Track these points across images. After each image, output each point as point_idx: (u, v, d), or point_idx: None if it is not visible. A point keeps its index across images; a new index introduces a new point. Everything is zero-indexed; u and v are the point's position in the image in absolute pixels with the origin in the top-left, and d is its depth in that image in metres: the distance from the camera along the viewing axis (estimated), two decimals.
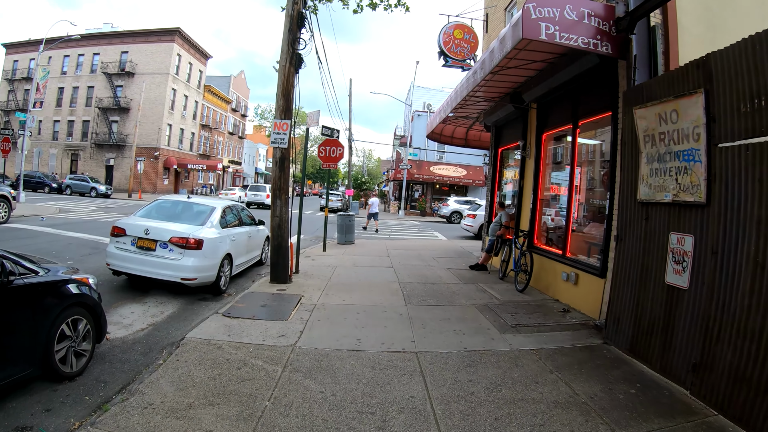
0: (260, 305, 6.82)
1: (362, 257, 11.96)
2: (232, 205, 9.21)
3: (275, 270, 8.11)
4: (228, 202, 9.19)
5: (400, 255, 12.55)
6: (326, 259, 11.45)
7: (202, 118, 52.26)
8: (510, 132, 11.51)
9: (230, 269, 8.25)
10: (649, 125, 5.32)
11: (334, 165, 12.62)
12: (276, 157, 8.00)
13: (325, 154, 12.55)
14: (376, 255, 12.46)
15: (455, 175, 35.26)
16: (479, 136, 15.78)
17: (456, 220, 28.65)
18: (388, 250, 13.63)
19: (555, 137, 9.36)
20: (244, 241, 9.06)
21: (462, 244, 16.36)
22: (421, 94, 39.57)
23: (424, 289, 8.18)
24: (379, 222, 20.91)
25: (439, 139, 15.37)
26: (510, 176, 11.85)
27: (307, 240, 16.07)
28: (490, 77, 9.04)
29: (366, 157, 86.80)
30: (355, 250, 13.53)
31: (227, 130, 60.56)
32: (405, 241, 17.14)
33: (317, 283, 8.38)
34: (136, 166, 38.58)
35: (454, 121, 14.02)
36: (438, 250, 14.29)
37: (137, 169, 38.43)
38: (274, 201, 7.97)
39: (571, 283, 7.66)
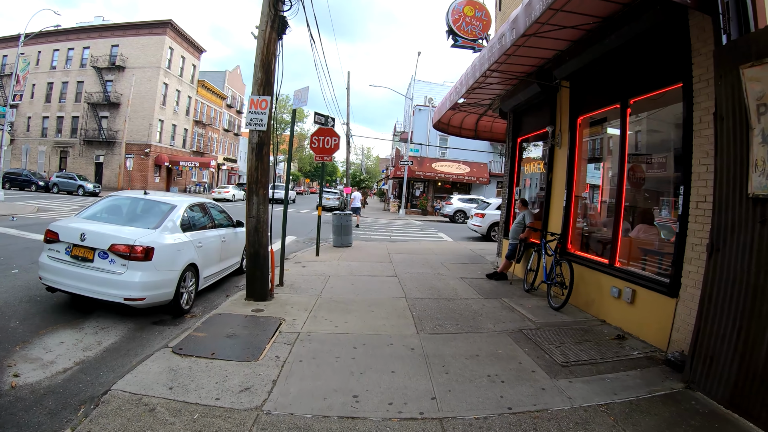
0: (226, 334, 5.19)
1: (361, 263, 10.33)
2: (202, 203, 7.58)
3: (252, 284, 6.50)
4: (196, 199, 7.56)
5: (403, 260, 10.94)
6: (319, 266, 9.82)
7: (195, 114, 50.54)
8: (533, 118, 9.90)
9: (196, 283, 6.63)
10: (767, 90, 3.76)
11: (329, 158, 11.01)
12: (252, 142, 6.38)
13: (318, 145, 10.94)
14: (377, 260, 10.84)
15: (458, 172, 33.64)
16: (490, 126, 14.19)
17: (460, 220, 27.05)
18: (389, 254, 12.01)
19: (594, 121, 7.75)
20: (217, 246, 7.43)
21: (471, 246, 14.75)
22: (422, 88, 37.94)
23: (439, 308, 6.55)
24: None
25: (447, 130, 13.77)
26: (532, 170, 10.23)
27: (299, 242, 14.48)
28: (513, 50, 7.48)
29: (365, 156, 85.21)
30: (353, 254, 11.90)
31: (222, 127, 58.84)
32: (408, 243, 15.52)
33: (305, 300, 6.75)
34: (125, 163, 36.96)
35: (464, 108, 12.45)
36: (446, 253, 12.67)
37: (126, 166, 36.81)
38: (250, 197, 6.34)
39: (624, 301, 6.06)
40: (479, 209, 17.72)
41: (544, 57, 8.30)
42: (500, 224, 11.40)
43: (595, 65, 7.05)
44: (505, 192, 11.09)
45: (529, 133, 10.06)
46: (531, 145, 10.38)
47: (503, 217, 11.12)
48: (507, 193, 10.84)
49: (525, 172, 10.58)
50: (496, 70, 8.79)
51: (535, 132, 9.75)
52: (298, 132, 75.52)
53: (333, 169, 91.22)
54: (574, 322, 6.33)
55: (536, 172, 9.96)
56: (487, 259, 11.90)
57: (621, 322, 6.16)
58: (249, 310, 6.09)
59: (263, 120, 6.30)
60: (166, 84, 44.36)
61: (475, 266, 10.67)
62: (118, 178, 38.00)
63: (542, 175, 9.50)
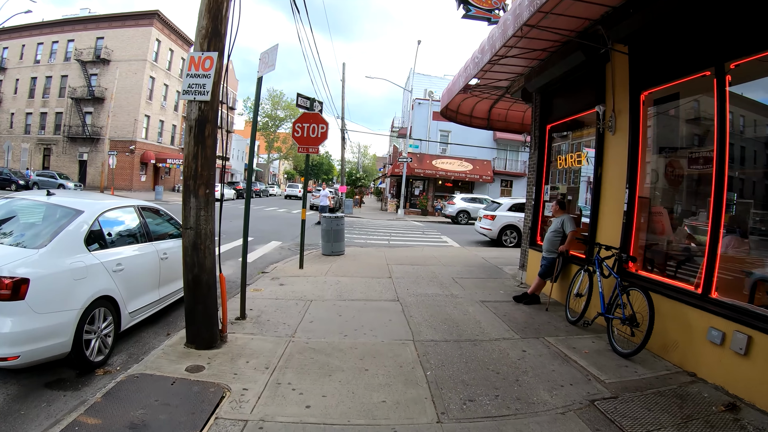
0: (130, 422, 3.19)
1: (353, 280, 8.32)
2: (132, 206, 5.57)
3: (192, 324, 4.50)
4: (123, 202, 5.53)
5: (406, 274, 8.95)
6: (300, 284, 7.82)
7: (184, 109, 48.30)
8: (568, 99, 7.94)
9: (115, 323, 4.63)
10: None
11: (315, 149, 9.01)
12: (190, 119, 4.38)
13: (302, 133, 8.95)
14: (373, 275, 8.84)
15: (460, 170, 31.63)
16: (505, 115, 12.22)
17: (463, 221, 25.08)
18: (389, 265, 10.01)
19: (665, 96, 5.78)
20: (152, 267, 5.42)
21: (482, 253, 12.76)
22: (421, 82, 35.89)
23: (463, 359, 4.54)
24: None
25: (455, 118, 11.79)
26: (568, 163, 8.24)
27: (284, 249, 12.48)
28: (550, 5, 5.55)
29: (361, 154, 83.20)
30: (344, 265, 9.89)
31: None
32: (409, 249, 13.51)
33: (269, 346, 4.72)
34: (108, 160, 34.81)
35: (476, 91, 10.49)
36: (455, 264, 10.68)
37: (109, 163, 34.67)
38: (186, 200, 4.34)
39: (732, 350, 4.16)
40: (488, 210, 15.74)
41: (589, 17, 6.35)
42: (524, 230, 9.41)
43: (671, 18, 5.10)
44: (531, 191, 9.10)
45: (564, 117, 8.08)
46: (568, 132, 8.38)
47: (528, 222, 9.14)
48: (534, 193, 8.84)
49: (561, 164, 8.58)
50: (524, 36, 6.83)
51: (571, 116, 7.78)
52: None
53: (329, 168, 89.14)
54: (657, 380, 4.37)
55: (578, 165, 7.98)
56: (505, 272, 9.92)
57: (725, 380, 4.23)
58: (183, 368, 4.08)
59: (206, 86, 4.31)
60: (153, 78, 42.24)
61: (494, 282, 8.69)
62: (101, 176, 35.81)
63: (577, 170, 7.55)
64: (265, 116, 68.35)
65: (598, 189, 6.62)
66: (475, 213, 25.28)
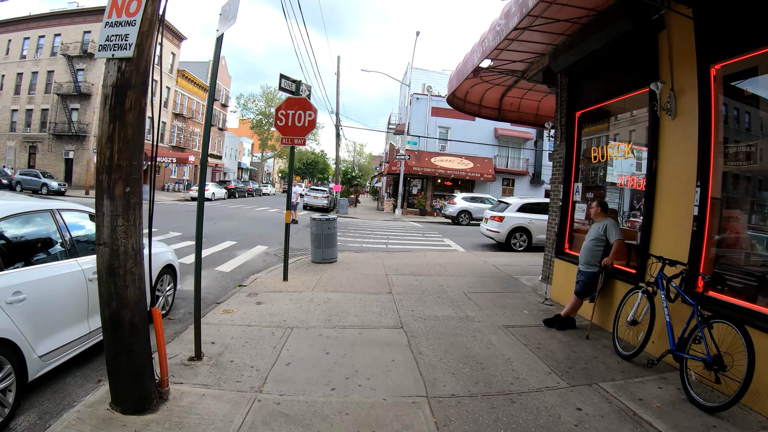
0: None
1: (345, 297, 6.97)
2: (39, 210, 4.19)
3: (116, 379, 3.17)
4: (26, 204, 4.14)
5: (409, 288, 7.62)
6: (281, 303, 6.49)
7: (175, 106, 46.84)
8: (606, 78, 6.63)
9: (14, 373, 3.29)
10: None
11: (301, 140, 7.67)
12: (106, 84, 3.05)
13: (285, 122, 7.62)
14: (370, 289, 7.50)
15: (460, 168, 30.29)
16: (518, 104, 10.91)
17: (464, 222, 23.77)
18: (388, 275, 8.68)
19: (744, 70, 4.48)
20: (75, 291, 4.07)
21: (492, 259, 11.46)
22: (420, 76, 34.54)
23: (498, 429, 3.22)
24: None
25: (462, 107, 10.46)
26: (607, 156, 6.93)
27: (269, 255, 11.14)
28: None
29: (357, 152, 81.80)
30: (336, 276, 8.56)
31: None
32: (409, 254, 12.18)
33: (223, 410, 3.35)
34: (93, 158, 33.31)
35: (486, 76, 9.19)
36: (463, 273, 9.38)
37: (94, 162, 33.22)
38: (99, 201, 3.00)
39: None
40: (496, 211, 14.42)
41: None
42: (548, 236, 8.10)
43: None
44: (556, 189, 7.78)
45: (599, 102, 6.77)
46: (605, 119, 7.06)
47: (553, 226, 7.83)
48: (560, 192, 7.52)
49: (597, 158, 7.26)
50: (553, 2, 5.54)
51: (610, 99, 6.47)
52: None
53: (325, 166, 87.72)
54: None
55: (619, 159, 6.68)
56: (523, 283, 8.62)
57: None
58: None
59: (129, 37, 2.98)
60: None
61: (514, 298, 7.38)
62: (86, 175, 34.28)
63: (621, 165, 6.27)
64: (259, 113, 66.78)
65: (653, 187, 5.30)
66: (477, 213, 24.04)
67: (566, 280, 7.11)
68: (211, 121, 48.03)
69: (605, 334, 5.53)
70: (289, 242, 8.14)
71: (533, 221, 13.91)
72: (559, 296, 7.26)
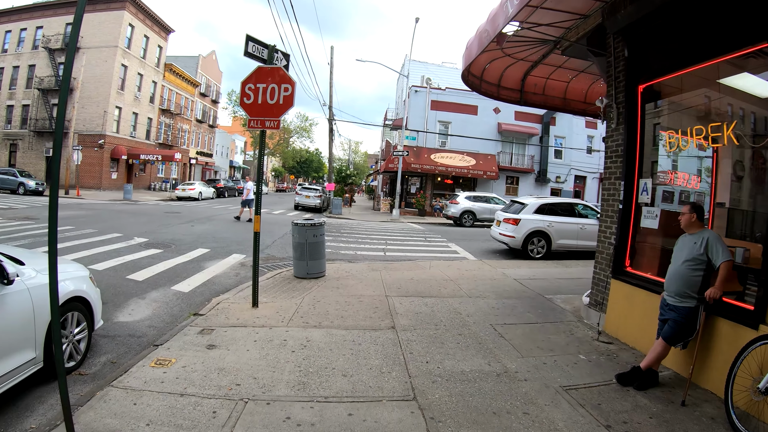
0: None
1: (330, 339, 5.07)
2: None
3: None
4: None
5: (417, 319, 5.76)
6: (240, 347, 4.62)
7: (161, 101, 44.73)
8: (689, 35, 4.78)
9: None
10: None
11: (274, 122, 5.79)
12: None
13: (254, 98, 5.77)
14: (366, 323, 5.63)
15: (462, 165, 28.38)
16: (543, 86, 9.08)
17: (468, 223, 21.92)
18: (388, 298, 6.81)
19: None
20: None
21: (510, 271, 9.62)
22: (418, 69, 32.65)
23: None
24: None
25: (479, 87, 8.62)
26: (694, 139, 5.06)
27: (246, 267, 9.24)
28: None
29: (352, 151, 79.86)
30: (321, 300, 6.68)
31: (194, 117, 53.00)
32: (412, 265, 10.31)
33: None
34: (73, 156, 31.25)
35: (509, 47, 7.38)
36: (483, 291, 7.53)
37: (74, 159, 31.14)
38: None
39: None
40: (510, 213, 12.56)
41: None
42: (603, 250, 6.21)
43: None
44: (613, 187, 5.92)
45: (682, 67, 4.91)
46: (682, 96, 5.22)
47: (607, 236, 5.97)
48: (621, 191, 5.65)
49: (671, 147, 5.42)
50: None
51: (702, 62, 4.62)
52: (283, 126, 69.74)
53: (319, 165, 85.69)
54: None
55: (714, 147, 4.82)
56: (559, 306, 6.78)
57: None
58: None
59: None
60: (125, 66, 38.64)
61: (558, 331, 5.53)
62: (65, 174, 32.24)
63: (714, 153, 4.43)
64: None
65: None
66: (482, 214, 22.19)
67: (629, 309, 5.28)
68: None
69: (703, 395, 3.75)
70: (258, 257, 6.25)
71: (553, 224, 12.08)
72: (618, 329, 5.44)
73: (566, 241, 12.28)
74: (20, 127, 39.46)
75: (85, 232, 12.32)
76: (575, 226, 12.36)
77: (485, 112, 30.09)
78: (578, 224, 12.40)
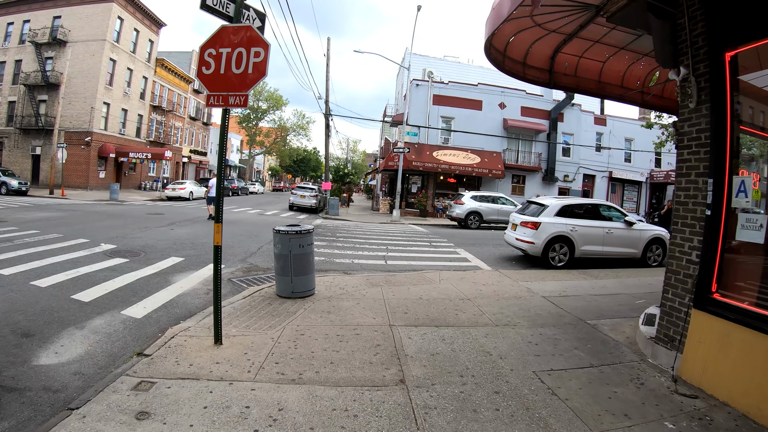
0: None
1: (313, 403, 3.58)
2: None
3: None
4: None
5: (436, 365, 4.29)
6: (182, 421, 3.16)
7: (153, 98, 43.19)
8: None
9: None
10: None
11: (240, 97, 4.31)
12: None
13: (215, 67, 4.26)
14: (364, 375, 4.15)
15: (466, 163, 26.88)
16: (575, 65, 7.64)
17: (474, 225, 20.47)
18: (393, 329, 5.35)
19: None
20: None
21: (536, 285, 8.17)
22: (419, 62, 31.16)
23: None
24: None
25: (502, 63, 7.13)
26: None
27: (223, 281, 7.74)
28: None
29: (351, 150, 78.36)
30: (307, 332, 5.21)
31: (188, 115, 51.46)
32: (419, 277, 8.84)
33: None
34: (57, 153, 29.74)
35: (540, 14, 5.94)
36: (513, 317, 6.08)
37: (58, 157, 29.62)
38: None
39: None
40: (528, 215, 11.10)
41: None
42: (680, 268, 4.71)
43: None
44: (698, 188, 4.45)
45: None
46: None
47: (688, 251, 4.47)
48: (710, 194, 4.18)
49: None
50: None
51: None
52: (280, 124, 68.21)
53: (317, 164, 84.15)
54: None
55: None
56: (609, 337, 5.32)
57: None
58: None
59: None
60: (114, 60, 37.09)
61: (622, 380, 4.07)
62: (50, 173, 30.70)
63: None
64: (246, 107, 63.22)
65: None
66: (489, 215, 20.73)
67: (720, 351, 3.85)
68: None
69: None
70: (219, 279, 4.77)
71: (577, 228, 10.64)
72: (704, 377, 3.99)
73: (591, 247, 10.84)
74: (6, 125, 37.94)
75: (48, 238, 10.85)
76: (601, 230, 10.93)
77: (490, 107, 28.63)
78: (604, 228, 10.96)
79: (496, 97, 28.84)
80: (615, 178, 31.53)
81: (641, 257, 11.44)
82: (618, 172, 31.45)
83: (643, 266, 11.31)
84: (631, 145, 31.83)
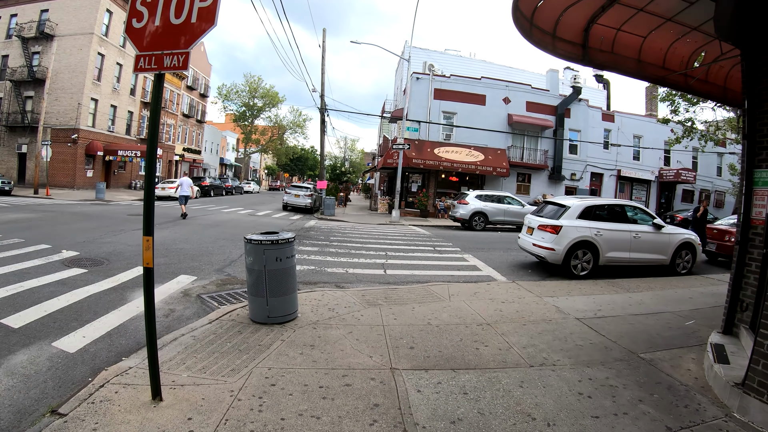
0: None
1: None
2: None
3: None
4: None
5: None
6: None
7: (144, 94, 41.86)
8: None
9: None
10: None
11: (182, 59, 3.00)
12: None
13: (148, 17, 2.96)
14: None
15: (469, 161, 25.56)
16: (612, 39, 6.37)
17: (479, 226, 19.18)
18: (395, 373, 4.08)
19: None
20: None
21: (564, 303, 6.91)
22: (419, 55, 29.83)
23: None
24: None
25: (529, 31, 5.81)
26: None
27: (191, 298, 6.50)
28: None
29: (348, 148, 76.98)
30: (279, 382, 3.96)
31: (181, 112, 50.03)
32: (425, 293, 7.57)
33: None
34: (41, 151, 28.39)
35: None
36: (550, 353, 4.82)
37: (42, 155, 28.26)
38: None
39: None
40: (546, 217, 9.82)
41: None
42: (763, 288, 3.45)
43: None
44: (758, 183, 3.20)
45: None
46: None
47: (755, 269, 3.24)
48: None
49: None
50: None
51: None
52: (276, 122, 66.79)
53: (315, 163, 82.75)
54: None
55: None
56: (669, 373, 4.03)
57: None
58: None
59: None
60: (102, 55, 35.73)
61: None
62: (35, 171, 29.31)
63: None
64: (242, 105, 61.76)
65: None
66: (494, 216, 19.43)
67: None
68: None
69: None
70: (152, 310, 3.50)
71: (602, 232, 9.38)
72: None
73: (616, 254, 9.58)
74: None
75: (7, 243, 9.56)
76: (627, 234, 9.67)
77: (494, 102, 27.31)
78: (631, 232, 9.71)
79: (501, 91, 27.53)
80: (623, 176, 30.27)
81: (670, 264, 10.21)
82: (626, 170, 30.19)
83: (671, 274, 10.08)
84: (640, 142, 30.59)
